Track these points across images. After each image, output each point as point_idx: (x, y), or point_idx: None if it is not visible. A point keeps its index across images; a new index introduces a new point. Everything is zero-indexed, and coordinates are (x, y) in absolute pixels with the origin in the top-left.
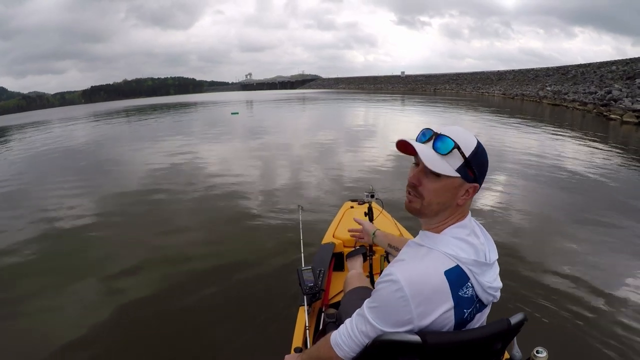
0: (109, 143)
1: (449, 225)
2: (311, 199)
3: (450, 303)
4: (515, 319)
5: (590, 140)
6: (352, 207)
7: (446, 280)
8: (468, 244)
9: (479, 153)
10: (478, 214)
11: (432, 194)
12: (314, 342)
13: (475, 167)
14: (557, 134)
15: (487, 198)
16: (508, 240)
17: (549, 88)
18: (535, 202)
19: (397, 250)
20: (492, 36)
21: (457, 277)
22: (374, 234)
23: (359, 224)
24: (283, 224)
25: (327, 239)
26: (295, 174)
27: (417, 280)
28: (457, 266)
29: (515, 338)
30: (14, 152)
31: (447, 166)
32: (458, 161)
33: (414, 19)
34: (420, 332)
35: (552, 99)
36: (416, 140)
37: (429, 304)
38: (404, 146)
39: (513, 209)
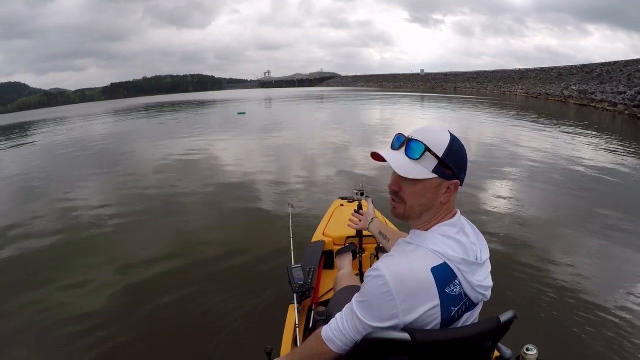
0: (127, 138)
1: (437, 224)
2: (303, 196)
3: (436, 300)
4: (505, 317)
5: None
6: (342, 205)
7: (432, 277)
8: (456, 242)
9: (454, 150)
10: (479, 210)
11: (413, 197)
12: (304, 340)
13: (451, 164)
14: (600, 140)
15: (492, 196)
16: (502, 237)
17: (574, 87)
18: (542, 203)
19: (386, 238)
20: (507, 34)
21: (444, 275)
22: (372, 219)
23: (366, 206)
24: (273, 222)
25: (317, 237)
26: (290, 172)
27: (403, 275)
28: (445, 264)
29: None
30: (38, 147)
31: (422, 169)
32: (433, 162)
33: (426, 17)
34: (410, 330)
35: (578, 99)
36: (392, 147)
37: (414, 300)
38: (378, 157)
39: (514, 207)
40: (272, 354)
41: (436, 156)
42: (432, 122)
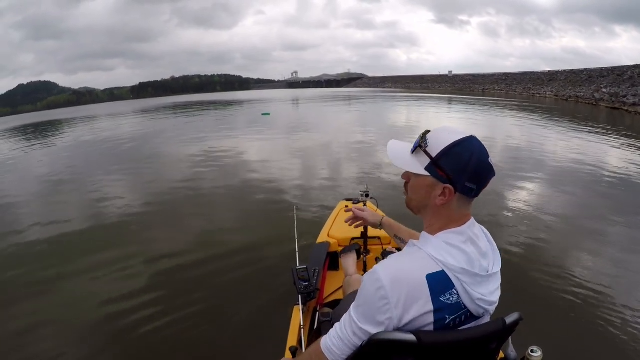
0: (154, 137)
1: (445, 230)
2: (310, 198)
3: (429, 306)
4: (510, 319)
5: None
6: (346, 206)
7: (426, 283)
8: (460, 252)
9: (453, 153)
10: (498, 211)
11: (412, 190)
12: (308, 341)
13: (445, 166)
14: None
15: (514, 197)
16: (516, 238)
17: (604, 90)
18: (562, 207)
19: (403, 242)
20: (533, 35)
21: (439, 282)
22: (381, 220)
23: (359, 210)
24: (279, 222)
25: (322, 238)
26: (301, 174)
27: (397, 278)
28: (442, 271)
29: (510, 338)
30: (67, 145)
31: (415, 163)
32: (426, 160)
33: (452, 17)
34: (415, 331)
35: (609, 102)
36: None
37: (406, 303)
38: None
39: (533, 209)
40: (296, 353)
41: (428, 154)
42: (457, 124)
